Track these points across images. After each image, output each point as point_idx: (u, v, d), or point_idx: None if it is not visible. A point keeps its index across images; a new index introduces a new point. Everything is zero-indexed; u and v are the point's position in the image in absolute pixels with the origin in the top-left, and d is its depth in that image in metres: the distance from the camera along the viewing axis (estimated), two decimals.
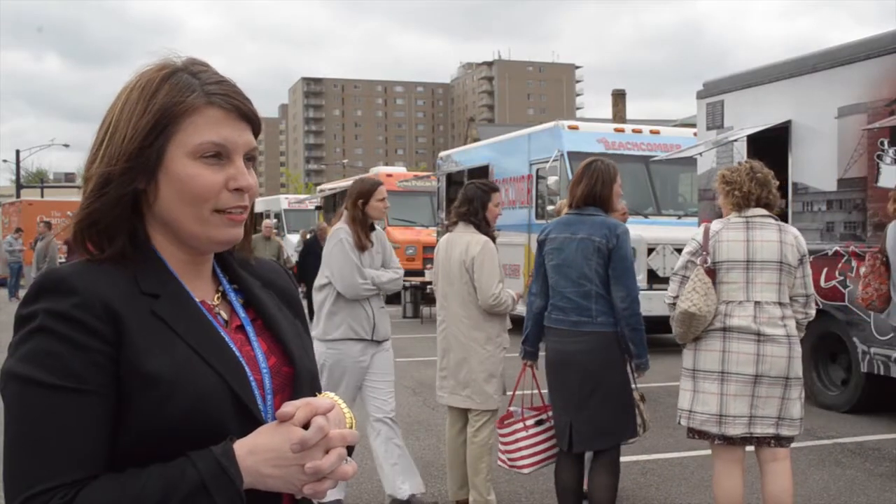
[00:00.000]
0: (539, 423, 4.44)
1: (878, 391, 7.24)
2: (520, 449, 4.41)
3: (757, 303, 3.86)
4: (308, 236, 19.69)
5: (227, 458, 1.08)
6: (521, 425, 4.44)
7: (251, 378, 1.20)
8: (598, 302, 4.04)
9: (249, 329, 1.27)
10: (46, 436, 1.06)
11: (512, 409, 4.54)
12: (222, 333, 1.21)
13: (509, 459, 4.50)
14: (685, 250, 4.09)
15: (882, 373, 6.92)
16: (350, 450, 1.30)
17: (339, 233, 4.81)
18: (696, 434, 4.04)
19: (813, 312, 3.99)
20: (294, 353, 1.28)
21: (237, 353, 1.20)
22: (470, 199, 4.94)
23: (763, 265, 3.87)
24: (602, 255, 4.02)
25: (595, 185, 4.13)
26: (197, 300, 1.23)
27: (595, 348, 4.05)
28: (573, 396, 4.11)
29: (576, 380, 4.09)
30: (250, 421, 1.15)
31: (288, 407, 1.14)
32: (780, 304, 3.88)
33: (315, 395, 1.25)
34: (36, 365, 1.08)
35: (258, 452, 1.09)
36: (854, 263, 7.18)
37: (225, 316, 1.27)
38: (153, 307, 1.16)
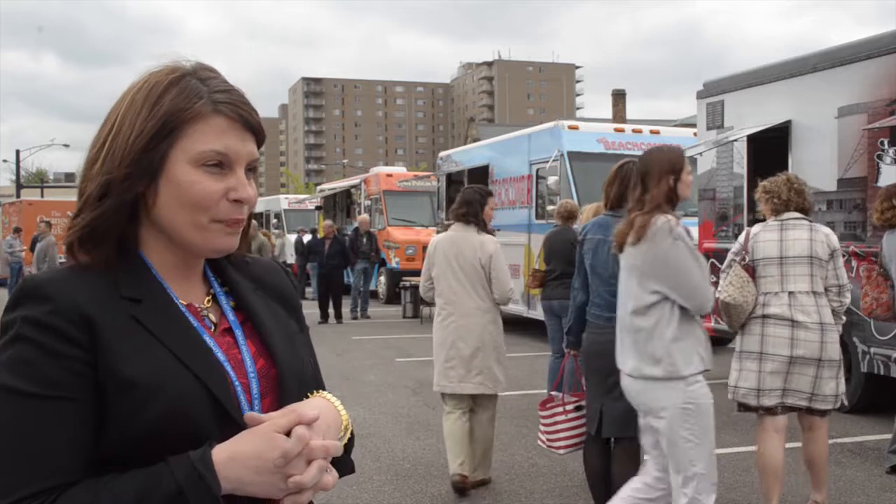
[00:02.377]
0: (578, 408, 4.65)
1: (878, 391, 7.23)
2: (558, 431, 4.65)
3: (791, 293, 4.43)
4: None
5: (205, 465, 1.06)
6: (560, 409, 4.68)
7: (236, 382, 1.18)
8: None
9: (238, 332, 1.25)
10: (24, 443, 1.06)
11: (554, 393, 4.76)
12: (205, 337, 1.19)
13: (547, 440, 4.74)
14: (730, 251, 4.71)
15: (882, 373, 6.92)
16: (349, 449, 1.29)
17: (671, 226, 3.53)
18: (742, 407, 4.61)
19: (847, 300, 4.52)
20: (278, 355, 1.25)
21: (219, 357, 1.19)
22: (469, 201, 5.34)
23: (795, 260, 4.44)
24: None
25: (625, 188, 4.28)
26: (182, 304, 1.22)
27: None
28: (603, 383, 4.31)
29: (606, 367, 4.27)
30: (231, 425, 1.13)
31: (267, 414, 1.14)
32: (814, 293, 4.43)
33: (306, 397, 1.23)
34: (13, 373, 1.08)
35: (238, 459, 1.08)
36: (854, 263, 7.18)
37: (214, 319, 1.25)
38: (133, 312, 1.15)
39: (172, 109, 1.17)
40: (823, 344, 4.37)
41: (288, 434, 1.10)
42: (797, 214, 4.53)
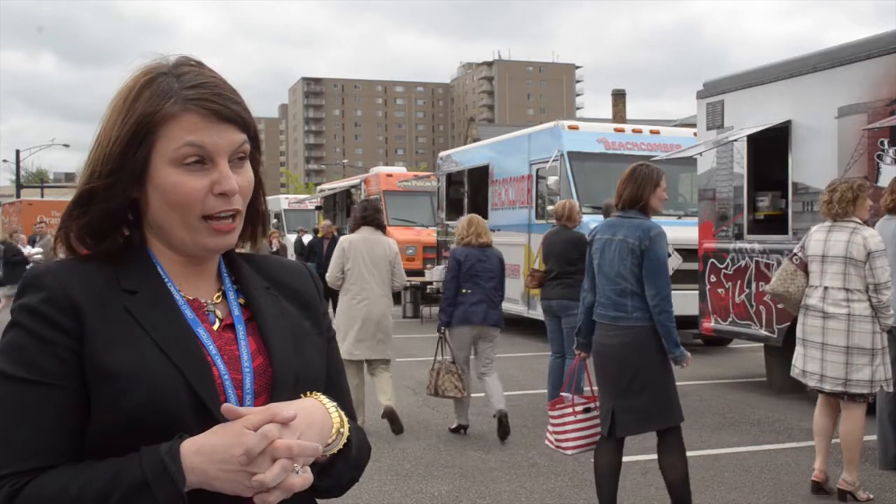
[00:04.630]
0: (587, 410, 4.72)
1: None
2: (566, 432, 4.74)
3: (826, 287, 5.02)
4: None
5: (171, 457, 1.06)
6: (570, 410, 4.75)
7: (226, 376, 1.18)
8: (633, 299, 4.35)
9: (240, 328, 1.25)
10: (5, 425, 1.09)
11: (564, 394, 4.83)
12: (200, 332, 1.20)
13: (556, 440, 4.81)
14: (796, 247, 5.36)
15: None
16: (348, 457, 1.24)
17: None
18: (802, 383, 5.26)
19: (885, 297, 4.89)
20: (275, 354, 1.24)
21: (210, 350, 1.19)
22: (378, 209, 7.13)
23: (833, 259, 4.99)
24: (636, 255, 4.34)
25: (638, 189, 4.42)
26: (183, 298, 1.22)
27: (631, 340, 4.36)
28: (614, 385, 4.41)
29: (616, 369, 4.39)
30: (209, 419, 1.12)
31: (244, 408, 1.12)
32: (846, 289, 4.93)
33: (300, 398, 1.22)
34: (6, 357, 1.12)
35: (205, 453, 1.07)
36: None
37: (220, 315, 1.26)
38: (126, 303, 1.17)
39: (144, 114, 1.18)
40: (850, 333, 4.88)
41: None
42: (852, 219, 5.04)
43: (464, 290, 6.77)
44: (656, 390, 4.34)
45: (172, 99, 1.18)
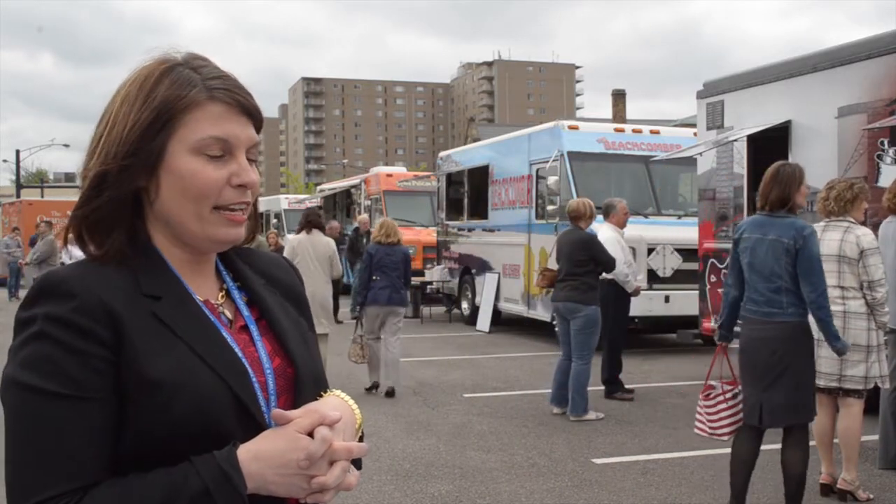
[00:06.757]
0: (735, 395, 4.90)
1: (878, 391, 7.21)
2: (721, 419, 4.94)
3: None
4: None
5: (231, 465, 1.06)
6: (722, 398, 4.95)
7: (254, 380, 1.18)
8: (787, 295, 4.56)
9: (253, 329, 1.25)
10: (47, 444, 1.05)
11: (712, 382, 5.02)
12: (225, 335, 1.19)
13: (711, 428, 5.00)
14: None
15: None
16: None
17: None
18: None
19: (879, 295, 4.98)
20: (295, 354, 1.25)
21: (240, 355, 1.18)
22: (319, 214, 8.82)
23: (827, 258, 4.95)
24: (790, 254, 4.53)
25: (786, 189, 4.61)
26: (200, 300, 1.21)
27: (784, 335, 4.56)
28: (764, 377, 4.59)
29: (767, 362, 4.58)
30: (253, 424, 1.13)
31: (291, 412, 1.13)
32: (841, 287, 5.03)
33: (319, 396, 1.22)
34: (35, 371, 1.06)
35: (262, 459, 1.08)
36: None
37: (229, 315, 1.25)
38: (154, 309, 1.13)
39: (167, 99, 1.16)
40: (845, 330, 4.93)
41: (310, 434, 1.09)
42: (846, 218, 5.12)
43: (374, 278, 8.45)
44: (803, 385, 4.55)
45: (197, 87, 1.17)
